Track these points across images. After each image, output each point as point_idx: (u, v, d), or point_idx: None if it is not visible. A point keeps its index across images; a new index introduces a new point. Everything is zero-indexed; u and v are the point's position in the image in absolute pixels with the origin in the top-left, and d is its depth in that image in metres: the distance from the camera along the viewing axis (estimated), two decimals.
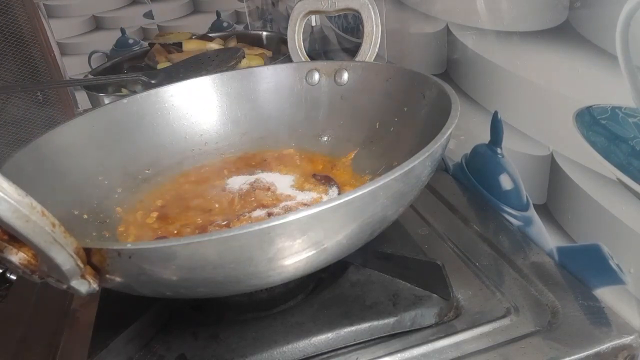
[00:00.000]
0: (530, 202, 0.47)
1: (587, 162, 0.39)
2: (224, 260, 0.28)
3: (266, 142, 0.57)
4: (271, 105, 0.57)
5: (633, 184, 0.35)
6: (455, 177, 0.60)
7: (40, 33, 1.22)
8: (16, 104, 1.25)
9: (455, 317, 0.39)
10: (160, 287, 0.31)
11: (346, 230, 0.31)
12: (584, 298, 0.40)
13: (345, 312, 0.39)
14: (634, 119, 0.34)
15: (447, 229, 0.50)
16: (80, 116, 0.50)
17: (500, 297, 0.41)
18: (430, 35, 0.58)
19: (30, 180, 0.41)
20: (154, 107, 0.55)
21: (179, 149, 0.56)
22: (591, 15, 0.36)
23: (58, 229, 0.26)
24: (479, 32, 0.48)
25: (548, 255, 0.45)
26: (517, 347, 0.36)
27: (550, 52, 0.40)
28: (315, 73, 0.56)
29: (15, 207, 0.23)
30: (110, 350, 0.36)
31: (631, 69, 0.33)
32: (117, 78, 0.89)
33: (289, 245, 0.28)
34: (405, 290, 0.40)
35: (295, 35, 0.60)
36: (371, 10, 0.54)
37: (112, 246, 0.27)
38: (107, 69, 1.05)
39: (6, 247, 0.27)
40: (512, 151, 0.48)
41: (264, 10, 1.34)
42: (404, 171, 0.30)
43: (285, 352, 0.37)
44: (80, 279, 0.28)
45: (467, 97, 0.53)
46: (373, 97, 0.52)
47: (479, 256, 0.46)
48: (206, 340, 0.38)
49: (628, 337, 0.36)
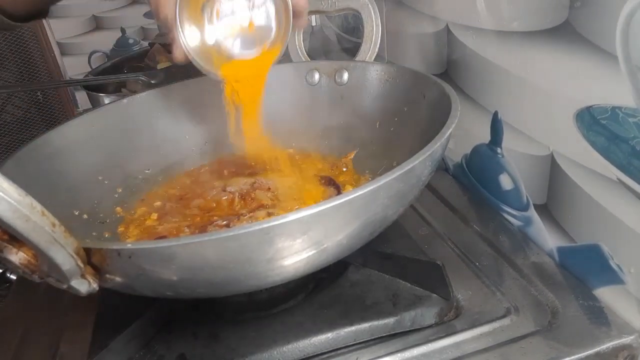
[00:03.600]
0: (530, 202, 0.47)
1: (588, 162, 0.39)
2: (223, 261, 0.28)
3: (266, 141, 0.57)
4: (271, 105, 0.57)
5: (633, 184, 0.35)
6: (456, 177, 0.60)
7: (40, 33, 1.22)
8: (16, 104, 1.25)
9: (455, 317, 0.39)
10: (160, 287, 0.31)
11: (346, 230, 0.31)
12: (584, 298, 0.40)
13: (345, 312, 0.39)
14: (634, 119, 0.34)
15: (447, 229, 0.50)
16: (80, 116, 0.50)
17: (501, 297, 0.41)
18: (431, 35, 0.58)
19: (30, 180, 0.41)
20: (154, 107, 0.55)
21: (179, 149, 0.56)
22: (591, 15, 0.35)
23: (58, 228, 0.26)
24: (479, 32, 0.48)
25: (548, 255, 0.45)
26: (517, 347, 0.36)
27: (550, 52, 0.40)
28: (316, 73, 0.56)
29: (15, 207, 0.23)
30: (110, 350, 0.36)
31: (631, 69, 0.33)
32: (117, 78, 0.89)
33: (289, 245, 0.28)
34: (405, 290, 0.40)
35: (296, 35, 0.60)
36: (371, 10, 0.54)
37: (112, 246, 0.28)
38: (107, 69, 1.05)
39: (6, 246, 0.27)
40: (512, 151, 0.48)
41: None
42: (404, 171, 0.30)
43: (285, 352, 0.37)
44: (80, 278, 0.28)
45: (467, 97, 0.53)
46: (373, 97, 0.52)
47: (479, 256, 0.46)
48: (206, 339, 0.38)
49: (628, 337, 0.36)
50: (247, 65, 0.44)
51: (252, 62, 0.44)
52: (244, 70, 0.44)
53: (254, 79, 0.45)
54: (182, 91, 0.56)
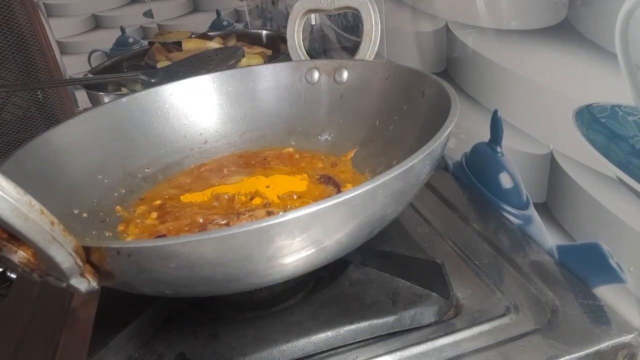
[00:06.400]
0: (530, 201, 0.47)
1: (587, 161, 0.39)
2: (223, 259, 0.28)
3: (266, 140, 0.57)
4: (271, 104, 0.57)
5: (633, 183, 0.35)
6: (455, 176, 0.60)
7: (40, 32, 1.22)
8: (16, 104, 1.25)
9: (454, 316, 0.39)
10: (159, 285, 0.31)
11: (346, 228, 0.31)
12: (584, 297, 0.40)
13: (344, 311, 0.39)
14: (633, 117, 0.34)
15: (446, 228, 0.50)
16: (80, 115, 0.50)
17: (500, 296, 0.41)
18: (430, 34, 0.58)
19: (29, 178, 0.41)
20: (154, 106, 0.55)
21: (178, 148, 0.56)
22: (590, 13, 0.35)
23: (57, 227, 0.26)
24: (478, 30, 0.48)
25: (548, 253, 0.45)
26: (517, 346, 0.36)
27: (549, 51, 0.40)
28: (315, 72, 0.56)
29: (14, 206, 0.23)
30: (110, 349, 0.36)
31: (631, 67, 0.33)
32: (117, 77, 0.89)
33: (289, 244, 0.28)
34: (404, 288, 0.40)
35: (295, 33, 0.60)
36: (370, 9, 0.53)
37: (112, 244, 0.27)
38: (107, 68, 1.05)
39: (5, 245, 0.27)
40: (512, 150, 0.48)
41: (264, 9, 1.34)
42: (404, 170, 0.30)
43: (285, 351, 0.37)
44: (79, 277, 0.28)
45: (466, 96, 0.53)
46: (372, 96, 0.52)
47: (478, 255, 0.46)
48: (206, 338, 0.38)
49: (628, 336, 0.36)
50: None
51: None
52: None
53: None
54: (181, 90, 0.56)
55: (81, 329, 0.44)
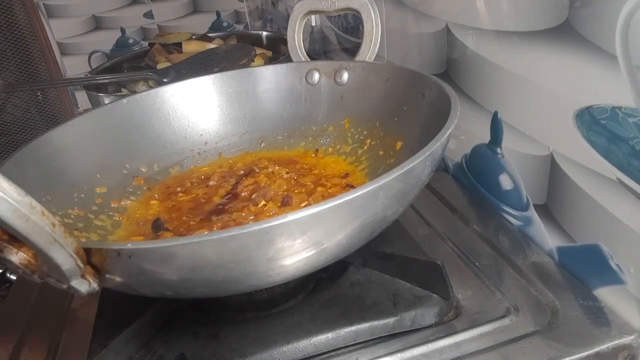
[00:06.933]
0: (530, 202, 0.47)
1: (587, 162, 0.39)
2: (223, 260, 0.28)
3: (266, 141, 0.57)
4: (271, 105, 0.57)
5: (633, 184, 0.35)
6: (455, 177, 0.60)
7: (40, 33, 1.22)
8: (16, 104, 1.25)
9: (455, 317, 0.39)
10: (159, 287, 0.31)
11: (346, 230, 0.31)
12: (584, 298, 0.40)
13: (345, 312, 0.39)
14: (633, 119, 0.34)
15: (447, 229, 0.50)
16: (80, 116, 0.50)
17: (500, 297, 0.41)
18: (430, 35, 0.58)
19: (30, 180, 0.41)
20: (154, 107, 0.55)
21: (179, 149, 0.56)
22: (591, 15, 0.36)
23: (58, 228, 0.26)
24: (478, 32, 0.48)
25: (548, 255, 0.45)
26: (517, 347, 0.36)
27: (550, 52, 0.40)
28: (315, 73, 0.56)
29: (15, 207, 0.23)
30: (110, 350, 0.36)
31: (631, 69, 0.33)
32: (125, 76, 0.88)
33: (289, 245, 0.28)
34: (405, 290, 0.40)
35: (295, 35, 0.60)
36: (371, 10, 0.53)
37: (112, 246, 0.28)
38: (107, 68, 1.05)
39: (6, 247, 0.27)
40: (512, 151, 0.48)
41: (264, 10, 1.34)
42: (404, 171, 0.30)
43: (285, 352, 0.37)
44: (80, 278, 0.28)
45: (467, 97, 0.53)
46: (373, 97, 0.52)
47: (479, 256, 0.46)
48: (206, 339, 0.38)
49: (628, 337, 0.36)
50: None
51: None
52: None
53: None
54: (181, 91, 0.56)
55: (81, 330, 0.44)
